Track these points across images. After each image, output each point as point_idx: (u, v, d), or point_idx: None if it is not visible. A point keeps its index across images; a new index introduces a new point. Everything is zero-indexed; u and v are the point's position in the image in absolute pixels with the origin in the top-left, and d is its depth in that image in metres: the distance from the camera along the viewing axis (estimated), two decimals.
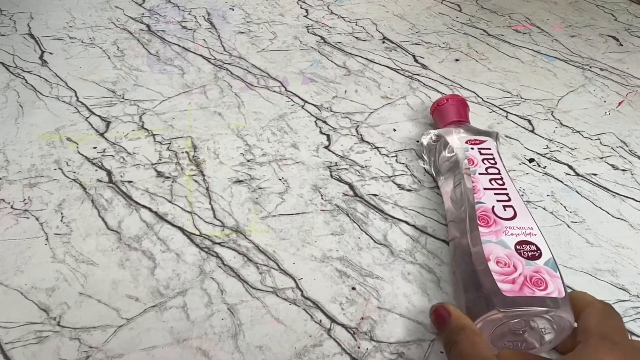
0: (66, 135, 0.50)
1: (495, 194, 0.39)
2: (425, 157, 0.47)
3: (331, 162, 0.48)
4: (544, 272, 0.33)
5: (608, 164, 0.49)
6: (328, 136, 0.51)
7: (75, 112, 0.53)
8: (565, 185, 0.47)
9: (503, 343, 0.33)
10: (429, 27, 0.70)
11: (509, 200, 0.38)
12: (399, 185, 0.46)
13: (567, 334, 0.32)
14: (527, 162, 0.49)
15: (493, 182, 0.40)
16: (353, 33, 0.69)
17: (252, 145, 0.50)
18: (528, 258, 0.34)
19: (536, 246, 0.34)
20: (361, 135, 0.52)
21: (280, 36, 0.67)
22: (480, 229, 0.36)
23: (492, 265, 0.33)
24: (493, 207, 0.37)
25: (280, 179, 0.46)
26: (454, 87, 0.59)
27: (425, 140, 0.47)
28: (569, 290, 0.32)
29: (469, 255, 0.35)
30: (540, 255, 0.34)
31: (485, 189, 0.39)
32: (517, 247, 0.34)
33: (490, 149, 0.43)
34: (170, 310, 0.35)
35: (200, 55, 0.63)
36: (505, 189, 0.39)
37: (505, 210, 0.37)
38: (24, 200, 0.43)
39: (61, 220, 0.42)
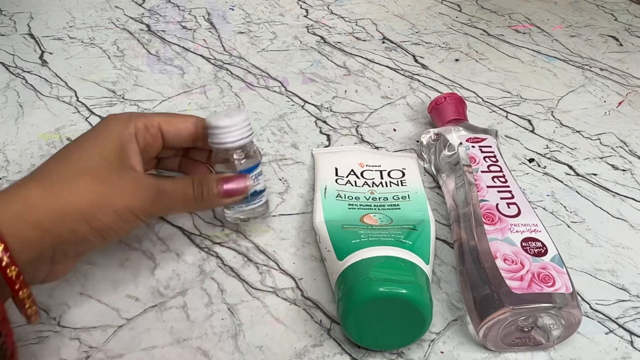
0: (66, 135, 0.50)
1: (499, 191, 0.39)
2: (425, 157, 0.47)
3: None
4: (550, 269, 0.33)
5: (608, 164, 0.49)
6: (328, 136, 0.51)
7: (75, 112, 0.53)
8: (565, 185, 0.47)
9: (511, 340, 0.33)
10: (429, 27, 0.71)
11: (512, 197, 0.38)
12: None
13: (575, 330, 0.33)
14: (527, 162, 0.49)
15: (495, 179, 0.40)
16: (353, 33, 0.69)
17: None
18: (534, 255, 0.34)
19: (542, 242, 0.35)
20: (361, 135, 0.52)
21: (280, 36, 0.67)
22: (485, 227, 0.36)
23: (499, 263, 0.33)
24: (497, 204, 0.37)
25: (280, 179, 0.46)
26: (454, 87, 0.59)
27: (425, 139, 0.47)
28: None
29: (475, 254, 0.35)
30: (546, 252, 0.34)
31: (488, 186, 0.39)
32: (523, 244, 0.34)
33: (490, 146, 0.43)
34: (170, 310, 0.35)
35: (200, 55, 0.63)
36: (508, 186, 0.39)
37: (509, 207, 0.37)
38: None
39: None
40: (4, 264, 0.26)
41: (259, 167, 0.37)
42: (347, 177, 0.44)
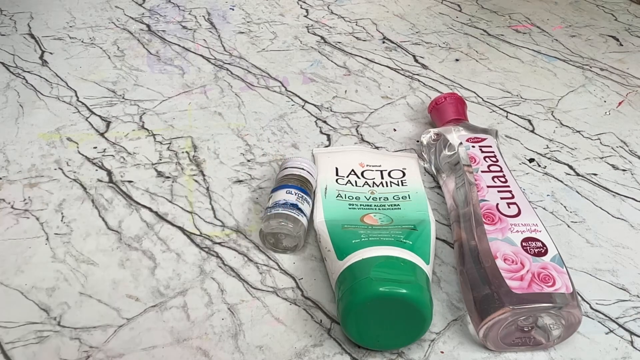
0: (66, 135, 0.50)
1: (499, 191, 0.39)
2: (425, 157, 0.47)
3: None
4: (550, 269, 0.33)
5: (608, 164, 0.49)
6: (328, 136, 0.51)
7: (76, 112, 0.53)
8: (566, 185, 0.47)
9: (511, 340, 0.33)
10: (429, 27, 0.71)
11: (512, 197, 0.38)
12: None
13: (575, 330, 0.33)
14: (527, 162, 0.49)
15: (496, 179, 0.40)
16: (353, 33, 0.69)
17: (253, 145, 0.50)
18: (534, 255, 0.34)
19: (542, 242, 0.35)
20: (361, 135, 0.52)
21: (280, 36, 0.67)
22: (485, 227, 0.36)
23: (500, 262, 0.33)
24: (497, 204, 0.37)
25: None
26: (454, 87, 0.59)
27: (425, 139, 0.47)
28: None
29: (475, 254, 0.35)
30: (546, 252, 0.34)
31: (488, 186, 0.39)
32: (524, 244, 0.34)
33: (491, 146, 0.43)
34: (170, 310, 0.35)
35: (201, 55, 0.63)
36: (508, 186, 0.39)
37: (509, 207, 0.37)
38: (24, 200, 0.43)
39: (61, 220, 0.42)
40: None
41: (306, 193, 0.41)
42: (347, 177, 0.44)
